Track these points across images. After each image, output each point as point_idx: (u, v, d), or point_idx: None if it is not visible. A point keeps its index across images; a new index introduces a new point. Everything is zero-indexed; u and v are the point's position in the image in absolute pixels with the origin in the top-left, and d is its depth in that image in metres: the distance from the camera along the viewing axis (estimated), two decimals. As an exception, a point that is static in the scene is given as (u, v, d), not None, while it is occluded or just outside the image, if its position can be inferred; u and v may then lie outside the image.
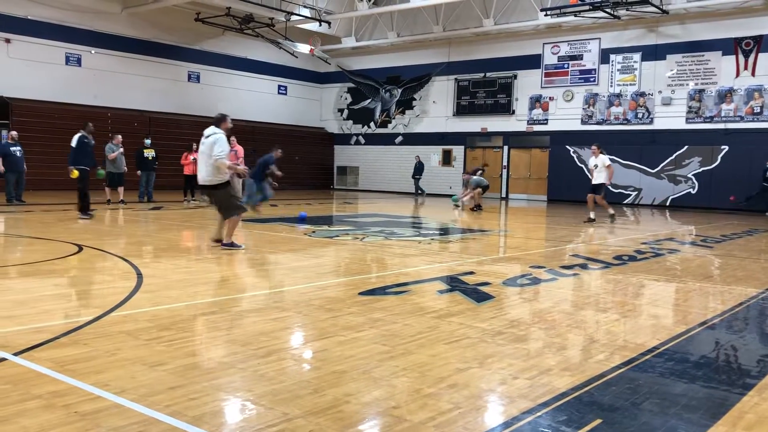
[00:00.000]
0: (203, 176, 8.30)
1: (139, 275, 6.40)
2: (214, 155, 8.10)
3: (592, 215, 14.62)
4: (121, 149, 15.98)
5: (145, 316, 4.76)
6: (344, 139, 31.20)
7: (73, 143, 12.86)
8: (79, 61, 22.76)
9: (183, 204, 17.14)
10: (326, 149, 31.33)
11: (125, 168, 16.16)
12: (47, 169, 19.32)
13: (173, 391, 3.20)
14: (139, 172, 17.71)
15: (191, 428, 2.77)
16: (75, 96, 22.30)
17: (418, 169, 25.86)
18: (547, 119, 25.10)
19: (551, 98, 24.94)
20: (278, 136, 28.38)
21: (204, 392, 3.23)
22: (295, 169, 29.10)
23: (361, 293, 5.86)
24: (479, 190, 17.66)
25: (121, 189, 16.09)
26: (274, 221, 13.02)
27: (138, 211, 14.79)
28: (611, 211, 15.03)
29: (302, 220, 13.05)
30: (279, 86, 29.88)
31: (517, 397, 3.27)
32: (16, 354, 3.71)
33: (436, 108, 28.03)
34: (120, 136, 16.33)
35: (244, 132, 22.27)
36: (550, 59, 24.89)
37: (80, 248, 8.20)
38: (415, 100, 28.80)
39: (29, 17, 21.29)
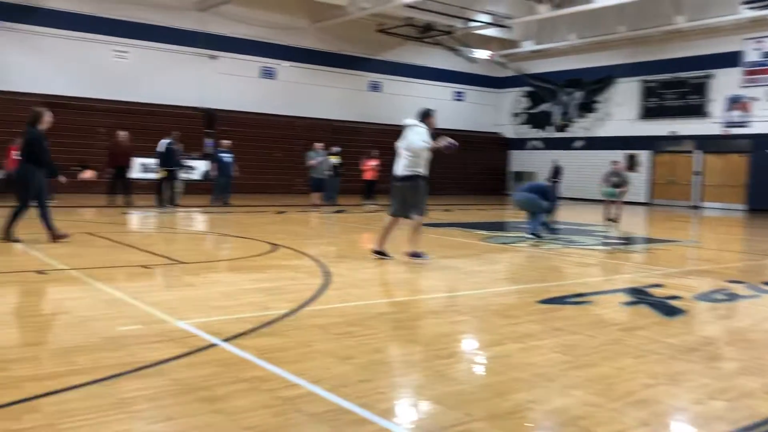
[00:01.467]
0: (399, 168, 7.80)
1: (327, 273, 6.81)
2: (413, 145, 7.64)
3: None
4: (325, 156, 17.00)
5: (334, 311, 5.08)
6: (520, 144, 30.75)
7: (161, 148, 14.12)
8: (273, 74, 24.62)
9: (363, 208, 17.90)
10: (501, 154, 31.06)
11: (329, 173, 17.14)
12: (246, 174, 21.08)
13: (363, 384, 3.39)
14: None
15: (380, 420, 2.93)
16: (268, 106, 24.15)
17: (555, 173, 24.73)
18: (747, 121, 22.95)
19: (753, 98, 22.76)
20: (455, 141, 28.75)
21: (391, 387, 3.40)
22: (468, 174, 29.22)
23: (539, 301, 5.79)
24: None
25: (320, 194, 17.13)
26: (449, 226, 13.18)
27: (323, 214, 15.68)
28: None
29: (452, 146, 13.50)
30: (455, 92, 30.15)
31: (713, 419, 3.08)
32: (225, 341, 4.13)
33: (620, 111, 26.73)
34: (321, 144, 17.41)
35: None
36: (751, 56, 22.75)
37: (274, 247, 8.89)
38: (596, 102, 27.69)
39: (232, 35, 23.40)
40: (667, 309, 5.58)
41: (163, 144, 15.59)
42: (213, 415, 2.93)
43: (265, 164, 23.12)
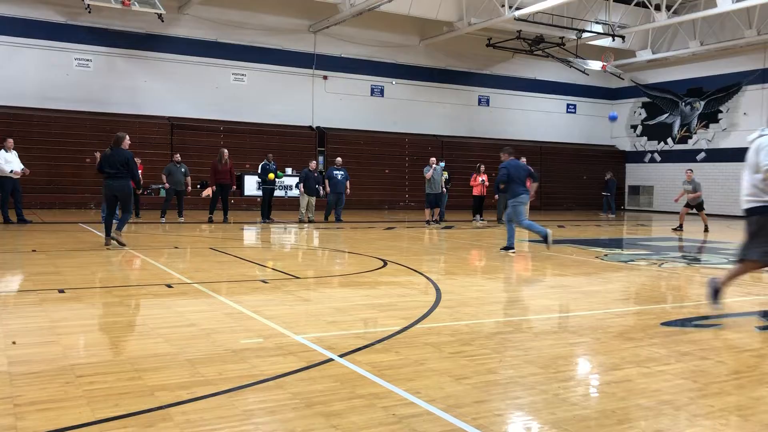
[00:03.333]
0: (743, 195, 5.70)
1: (438, 290, 6.80)
2: (761, 163, 5.42)
3: None
4: (435, 168, 17.09)
5: (446, 329, 5.05)
6: (637, 156, 29.53)
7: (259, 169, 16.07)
8: (382, 92, 25.04)
9: (472, 224, 17.75)
10: (617, 167, 29.94)
11: (443, 189, 17.16)
12: (355, 190, 21.52)
13: (479, 405, 3.35)
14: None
15: (497, 443, 2.88)
16: (378, 124, 24.58)
17: (609, 186, 23.73)
18: None
19: None
20: (566, 155, 28.02)
21: (507, 409, 3.33)
22: (582, 188, 28.36)
23: (663, 323, 5.50)
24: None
25: (436, 210, 17.12)
26: (563, 243, 12.82)
27: (432, 229, 15.69)
28: None
29: (613, 119, 13.53)
30: (568, 105, 29.44)
31: None
32: (341, 356, 4.21)
33: (747, 120, 25.08)
34: (435, 159, 17.51)
35: (531, 152, 22.40)
36: None
37: (385, 263, 8.98)
38: (721, 112, 26.16)
39: (342, 55, 24.04)
40: (808, 335, 5.14)
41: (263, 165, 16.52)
42: (332, 430, 2.98)
43: (374, 181, 23.52)
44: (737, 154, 24.91)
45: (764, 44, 24.02)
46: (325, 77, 23.87)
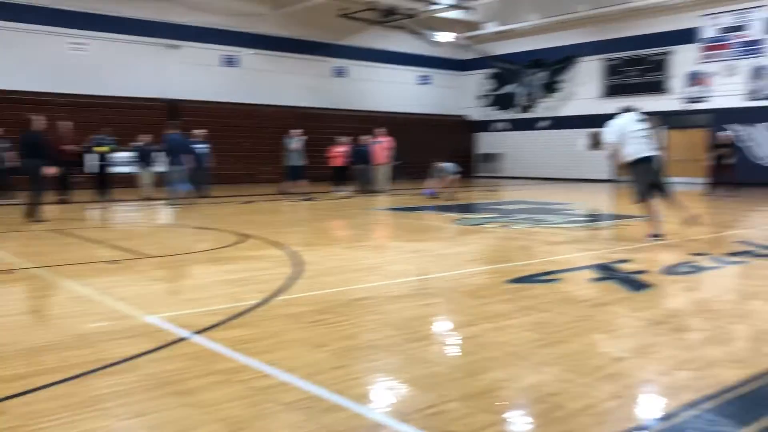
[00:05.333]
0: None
1: (298, 262, 6.78)
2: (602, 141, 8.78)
3: None
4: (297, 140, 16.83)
5: (305, 300, 5.06)
6: (487, 125, 30.89)
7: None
8: (238, 63, 24.31)
9: (333, 194, 17.83)
10: (468, 137, 31.16)
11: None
12: (214, 164, 20.82)
13: (336, 371, 3.40)
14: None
15: (354, 406, 2.94)
16: (233, 95, 23.86)
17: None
18: (706, 96, 23.37)
19: (711, 74, 23.18)
20: (420, 125, 28.72)
21: (365, 373, 3.41)
22: (436, 157, 29.27)
23: (509, 281, 5.84)
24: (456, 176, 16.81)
25: (300, 182, 16.96)
26: (419, 210, 13.22)
27: (292, 202, 15.58)
28: None
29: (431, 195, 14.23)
30: (420, 76, 30.12)
31: (680, 389, 3.15)
32: (196, 333, 4.10)
33: (583, 89, 26.97)
34: (298, 130, 17.24)
35: (387, 123, 22.70)
36: (708, 32, 23.12)
37: (244, 237, 8.81)
38: (560, 82, 27.91)
39: (192, 23, 23.01)
40: (634, 284, 5.68)
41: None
42: (186, 409, 2.91)
43: (232, 154, 22.85)
44: (576, 122, 26.83)
45: (595, 18, 25.81)
46: (175, 46, 22.77)
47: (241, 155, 23.45)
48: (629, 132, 8.34)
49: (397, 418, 2.84)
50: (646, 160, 8.30)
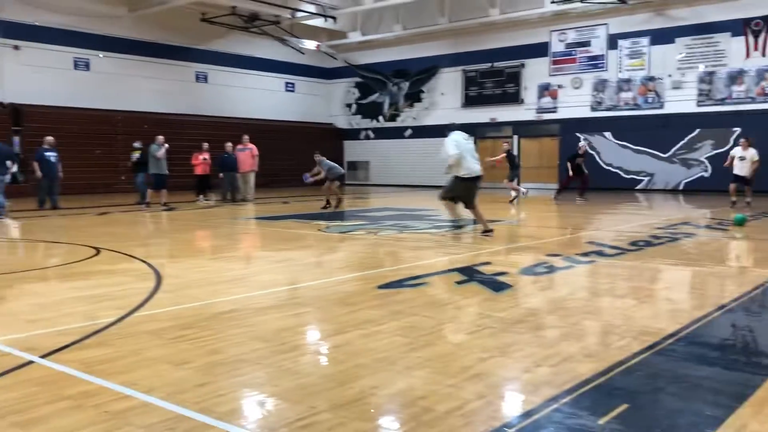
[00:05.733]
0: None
1: (158, 275, 6.45)
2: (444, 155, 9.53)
3: (733, 199, 15.38)
4: (162, 147, 16.08)
5: (166, 315, 4.81)
6: (353, 134, 31.19)
7: None
8: (87, 66, 22.90)
9: (196, 203, 17.23)
10: (337, 144, 31.29)
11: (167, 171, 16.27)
12: (64, 173, 19.49)
13: (201, 388, 3.24)
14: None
15: (221, 424, 2.81)
16: (85, 100, 22.44)
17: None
18: (556, 107, 25.00)
19: (560, 86, 24.83)
20: (286, 133, 28.48)
21: (231, 389, 3.27)
22: (302, 165, 29.13)
23: (378, 287, 5.89)
24: (336, 182, 15.50)
25: (163, 192, 16.09)
26: (287, 218, 13.07)
27: (152, 212, 14.87)
28: (748, 199, 15.33)
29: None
30: (286, 83, 29.90)
31: (542, 385, 3.29)
32: (43, 356, 3.76)
33: (445, 100, 27.96)
34: (162, 137, 16.45)
35: (252, 130, 22.27)
36: (557, 47, 24.77)
37: (98, 251, 8.27)
38: (423, 92, 28.74)
39: (37, 23, 21.41)
40: (496, 285, 5.92)
41: None
42: (30, 441, 2.64)
43: (83, 162, 21.47)
44: (437, 131, 27.69)
45: (455, 30, 26.87)
46: (16, 47, 21.06)
47: (95, 163, 22.13)
48: (465, 148, 9.32)
49: (265, 433, 2.74)
50: (477, 179, 9.41)
